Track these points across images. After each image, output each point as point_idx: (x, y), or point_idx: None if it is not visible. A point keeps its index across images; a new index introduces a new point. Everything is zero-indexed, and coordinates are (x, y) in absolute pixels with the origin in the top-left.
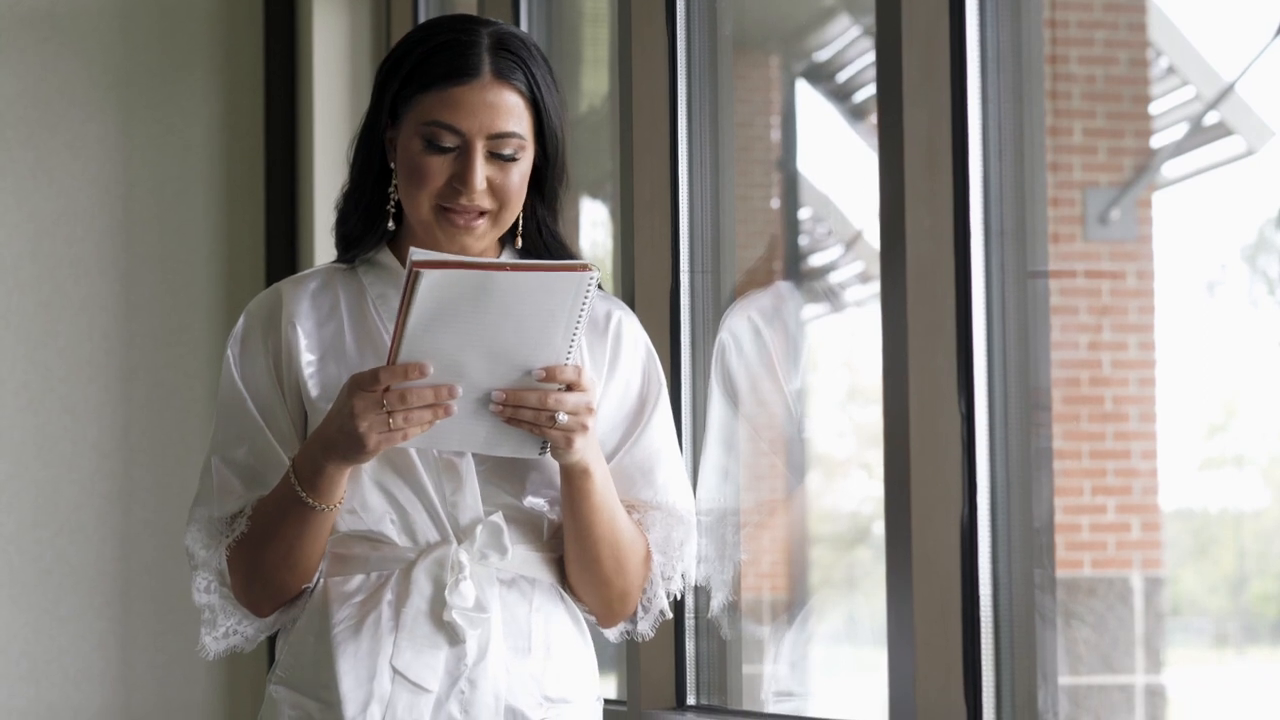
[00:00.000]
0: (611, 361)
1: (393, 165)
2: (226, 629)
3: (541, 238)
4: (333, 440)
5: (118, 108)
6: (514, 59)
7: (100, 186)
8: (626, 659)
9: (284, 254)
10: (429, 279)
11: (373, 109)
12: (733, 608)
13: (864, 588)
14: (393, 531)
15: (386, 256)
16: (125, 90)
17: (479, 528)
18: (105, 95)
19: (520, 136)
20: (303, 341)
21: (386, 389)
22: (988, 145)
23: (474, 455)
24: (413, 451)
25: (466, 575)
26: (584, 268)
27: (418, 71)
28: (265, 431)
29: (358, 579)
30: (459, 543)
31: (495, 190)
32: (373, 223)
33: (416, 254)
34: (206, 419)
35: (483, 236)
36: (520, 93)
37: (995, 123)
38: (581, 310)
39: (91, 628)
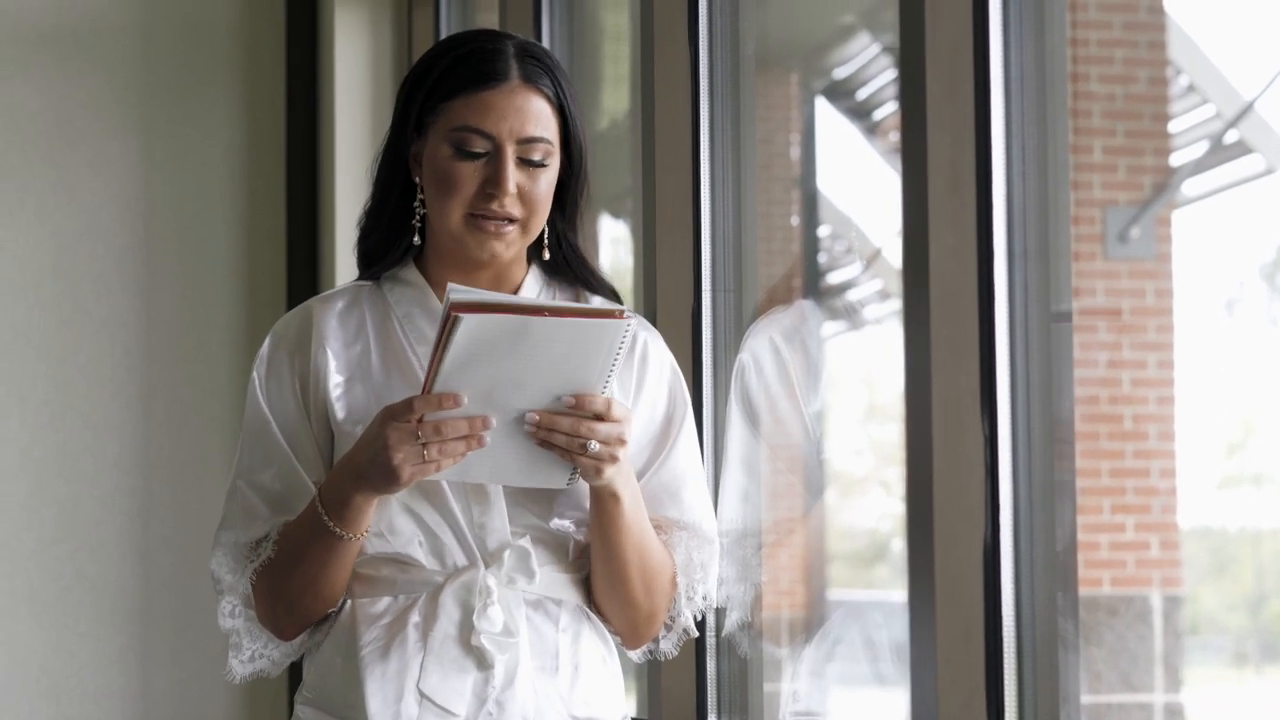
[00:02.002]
0: (638, 383)
1: (417, 180)
2: (252, 652)
3: (562, 251)
4: (364, 471)
5: (140, 125)
6: (540, 66)
7: (122, 203)
8: (648, 677)
9: (305, 271)
10: (467, 324)
11: (397, 124)
12: (751, 626)
13: (884, 606)
14: (420, 554)
15: (412, 273)
16: (147, 107)
17: (507, 552)
18: (127, 112)
19: (549, 142)
20: (331, 364)
21: (420, 420)
22: (1011, 165)
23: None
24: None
25: (494, 600)
26: (622, 314)
27: (444, 80)
28: (291, 457)
29: (385, 601)
30: (486, 566)
31: (524, 197)
32: (396, 239)
33: (455, 293)
34: (227, 436)
35: (512, 244)
36: (548, 98)
37: (1019, 142)
38: (617, 355)
39: (111, 644)
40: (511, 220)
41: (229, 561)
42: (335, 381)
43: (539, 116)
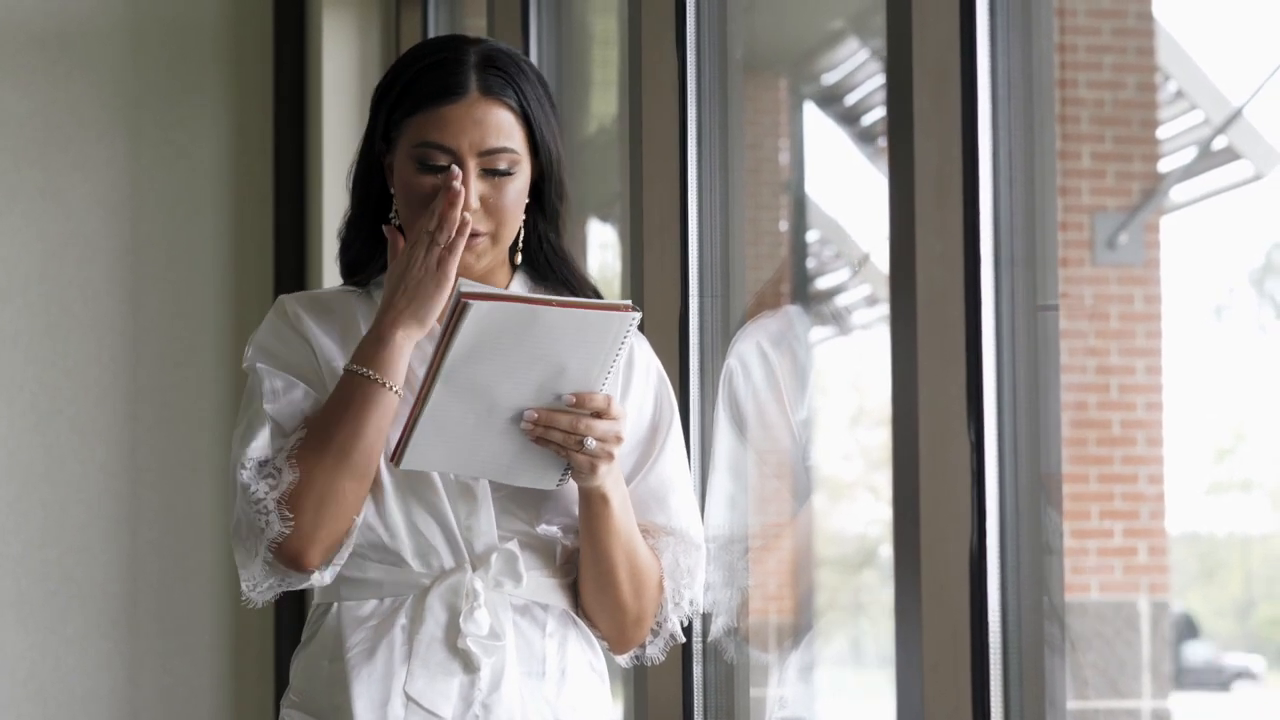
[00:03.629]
0: (624, 387)
1: (393, 190)
2: (270, 584)
3: (543, 252)
4: (395, 304)
5: (127, 129)
6: (502, 75)
7: (109, 208)
8: (635, 682)
9: (292, 276)
10: (477, 310)
11: (368, 135)
12: (738, 632)
13: (870, 611)
14: (408, 554)
15: None
16: (134, 111)
17: (494, 555)
18: (114, 116)
19: (513, 151)
20: (330, 349)
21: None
22: (998, 171)
23: (490, 480)
24: (435, 476)
25: (481, 603)
26: (628, 308)
27: (407, 94)
28: (301, 386)
29: (371, 604)
30: (474, 569)
31: (490, 209)
32: (378, 248)
33: (465, 286)
34: (214, 440)
35: (483, 255)
36: (510, 108)
37: (1006, 148)
38: (620, 349)
39: (98, 648)
40: (477, 234)
41: (254, 464)
42: (334, 368)
43: (499, 128)
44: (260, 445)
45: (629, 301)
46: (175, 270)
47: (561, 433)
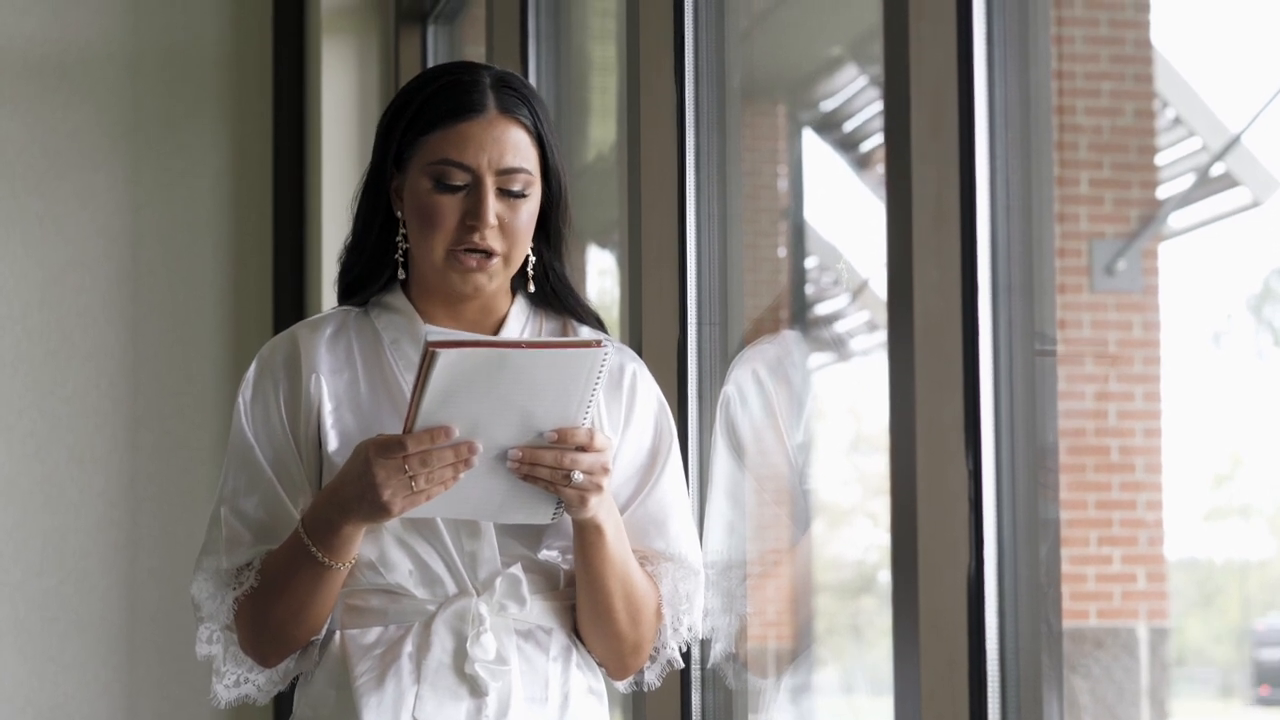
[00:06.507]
0: (627, 415)
1: (399, 214)
2: (237, 677)
3: (549, 281)
4: (351, 505)
5: (126, 156)
6: (517, 96)
7: (108, 235)
8: (634, 708)
9: (291, 303)
10: (445, 359)
11: (376, 159)
12: (737, 658)
13: (868, 636)
14: (412, 584)
15: (398, 299)
16: (134, 139)
17: (498, 579)
18: (114, 144)
19: (528, 172)
20: (325, 390)
21: (406, 455)
22: (996, 198)
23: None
24: None
25: (487, 627)
26: (598, 344)
27: (422, 114)
28: (275, 484)
29: (375, 631)
30: (478, 595)
31: (505, 229)
32: (378, 272)
33: (432, 334)
34: (213, 467)
35: (495, 275)
36: (526, 128)
37: (1004, 175)
38: (595, 385)
39: (97, 676)
40: (492, 254)
41: (209, 587)
42: (327, 409)
43: (517, 147)
44: (214, 559)
45: (599, 338)
46: (175, 297)
47: (548, 469)
